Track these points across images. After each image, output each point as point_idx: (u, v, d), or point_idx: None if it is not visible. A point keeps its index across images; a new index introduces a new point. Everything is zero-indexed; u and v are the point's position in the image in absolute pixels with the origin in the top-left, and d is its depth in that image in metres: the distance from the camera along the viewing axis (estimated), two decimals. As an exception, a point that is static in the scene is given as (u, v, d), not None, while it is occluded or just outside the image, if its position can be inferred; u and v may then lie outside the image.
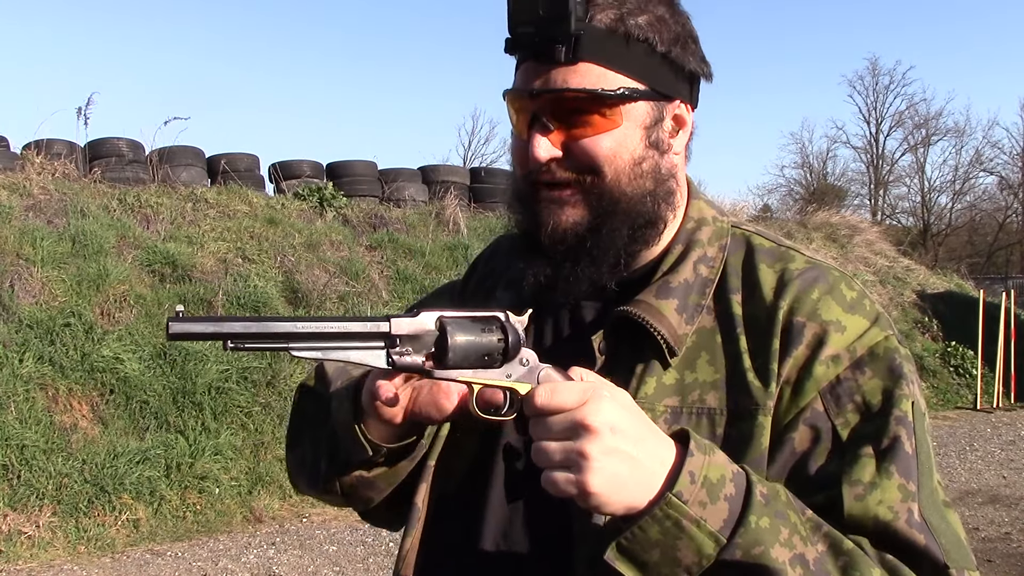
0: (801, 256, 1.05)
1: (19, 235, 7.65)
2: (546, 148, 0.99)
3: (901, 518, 0.90)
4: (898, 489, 0.91)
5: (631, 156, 1.00)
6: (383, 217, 10.47)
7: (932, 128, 33.79)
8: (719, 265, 1.05)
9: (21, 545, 5.64)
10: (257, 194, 10.07)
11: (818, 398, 0.95)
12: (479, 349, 0.89)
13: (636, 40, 0.99)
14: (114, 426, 6.62)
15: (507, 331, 0.91)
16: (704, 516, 0.83)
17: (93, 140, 9.96)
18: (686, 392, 0.99)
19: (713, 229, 1.08)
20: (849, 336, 0.97)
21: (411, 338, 0.88)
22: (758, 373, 0.97)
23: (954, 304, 13.92)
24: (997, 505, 7.00)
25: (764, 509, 0.84)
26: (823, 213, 15.79)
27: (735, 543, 0.83)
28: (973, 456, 8.87)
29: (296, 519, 6.51)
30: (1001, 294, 12.70)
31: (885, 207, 34.38)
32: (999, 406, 11.67)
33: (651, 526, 0.83)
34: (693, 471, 0.83)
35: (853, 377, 0.96)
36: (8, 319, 6.93)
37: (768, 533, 0.83)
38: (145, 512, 6.15)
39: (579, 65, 0.97)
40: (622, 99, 0.98)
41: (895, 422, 0.93)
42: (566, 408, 0.83)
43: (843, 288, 1.01)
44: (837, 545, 0.87)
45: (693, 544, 0.83)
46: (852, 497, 0.90)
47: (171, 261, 8.15)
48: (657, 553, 0.83)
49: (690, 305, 1.02)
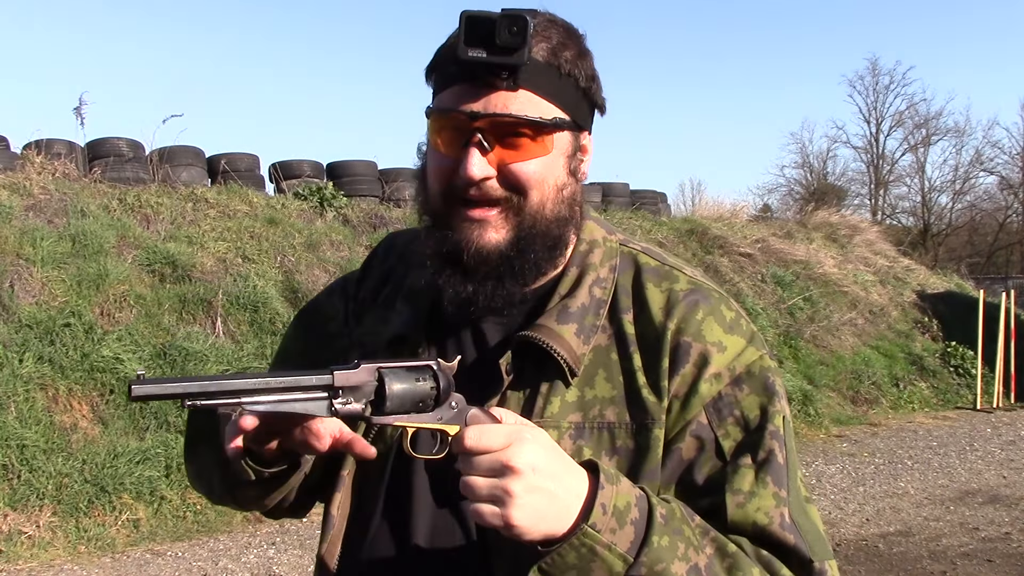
0: (684, 276, 1.13)
1: (19, 235, 7.65)
2: (481, 167, 1.04)
3: (775, 522, 1.02)
4: (772, 496, 1.03)
5: (555, 182, 1.08)
6: (383, 217, 10.47)
7: (932, 128, 33.83)
8: (611, 286, 1.12)
9: (21, 545, 5.64)
10: (257, 194, 10.07)
11: (702, 412, 1.06)
12: (414, 396, 0.97)
13: (566, 75, 1.06)
14: (114, 426, 6.62)
15: (439, 379, 0.98)
16: (614, 541, 0.93)
17: (93, 140, 9.97)
18: (587, 408, 1.07)
19: (604, 250, 1.15)
20: (729, 356, 1.08)
21: (352, 389, 0.96)
22: (652, 389, 1.07)
23: (954, 304, 13.92)
24: (997, 505, 7.00)
25: (664, 528, 0.95)
26: (823, 213, 15.79)
27: (640, 561, 0.93)
28: (973, 456, 8.87)
29: (296, 519, 6.50)
30: (1001, 294, 12.69)
31: (885, 207, 34.41)
32: (999, 406, 11.66)
33: (568, 552, 0.92)
34: (604, 503, 0.93)
35: (732, 393, 1.07)
36: (8, 319, 6.93)
37: (668, 551, 0.94)
38: (145, 512, 6.15)
39: (519, 92, 1.03)
40: (555, 127, 1.05)
41: (769, 436, 1.06)
42: (493, 449, 0.91)
43: (723, 309, 1.10)
44: (723, 548, 0.99)
45: (605, 565, 0.93)
46: (734, 505, 1.03)
47: (171, 261, 8.15)
48: (574, 574, 0.92)
49: (587, 326, 1.09)
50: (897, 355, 12.32)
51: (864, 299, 13.08)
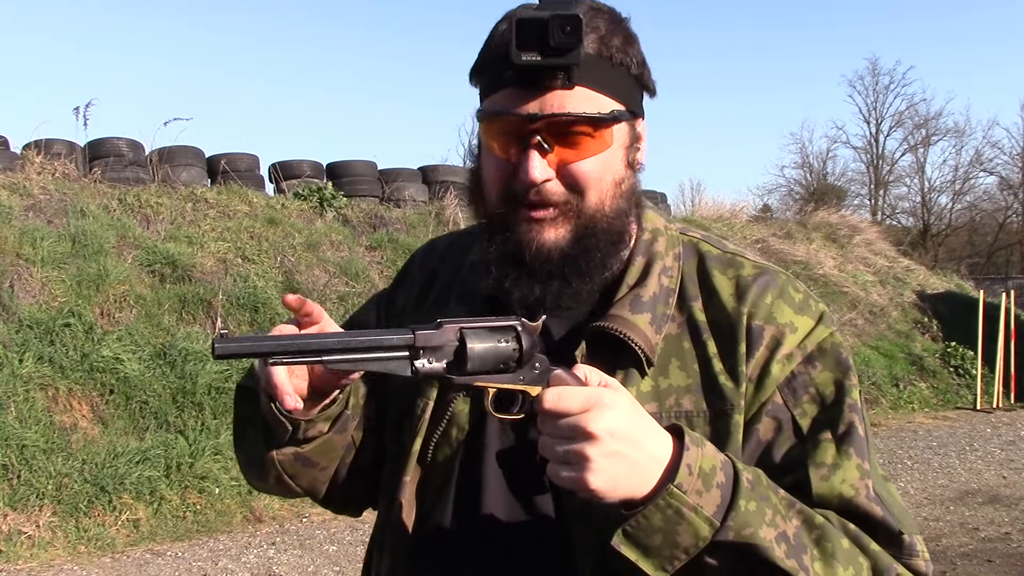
0: (749, 261, 1.13)
1: (19, 235, 7.65)
2: (542, 170, 1.02)
3: (861, 494, 1.01)
4: (856, 468, 1.02)
5: (613, 177, 1.06)
6: (383, 217, 10.47)
7: (932, 128, 33.79)
8: (677, 275, 1.12)
9: (21, 545, 5.64)
10: (257, 194, 10.07)
11: (777, 392, 1.05)
12: (495, 356, 0.96)
13: (618, 64, 1.04)
14: (114, 426, 6.62)
15: (522, 339, 0.97)
16: (700, 503, 0.91)
17: (93, 140, 9.96)
18: (662, 398, 1.06)
19: (667, 239, 1.14)
20: (799, 335, 1.07)
21: (433, 349, 0.95)
22: (730, 375, 1.06)
23: (954, 304, 13.93)
24: (997, 505, 7.00)
25: (751, 493, 0.93)
26: (823, 213, 15.79)
27: (728, 526, 0.92)
28: (973, 456, 8.87)
29: (296, 519, 6.51)
30: (1001, 294, 12.69)
31: (885, 207, 34.40)
32: (999, 406, 11.67)
33: (654, 514, 0.91)
34: (690, 464, 0.92)
35: (806, 371, 1.07)
36: (8, 319, 6.93)
37: (755, 515, 0.93)
38: (145, 512, 6.15)
39: (575, 89, 1.01)
40: (613, 120, 1.04)
41: (848, 409, 1.05)
42: (571, 413, 0.90)
43: (791, 291, 1.11)
44: (810, 520, 0.98)
45: (691, 528, 0.91)
46: (818, 478, 1.01)
47: (171, 261, 8.16)
48: (659, 538, 0.91)
49: (658, 315, 1.09)
50: (897, 355, 12.32)
51: (864, 299, 13.08)
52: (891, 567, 0.99)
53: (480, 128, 1.09)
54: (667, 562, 0.92)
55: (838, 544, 0.96)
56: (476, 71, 1.09)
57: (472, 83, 1.11)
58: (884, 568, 0.99)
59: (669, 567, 0.92)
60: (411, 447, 1.13)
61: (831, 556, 0.95)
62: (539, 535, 1.07)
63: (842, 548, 0.97)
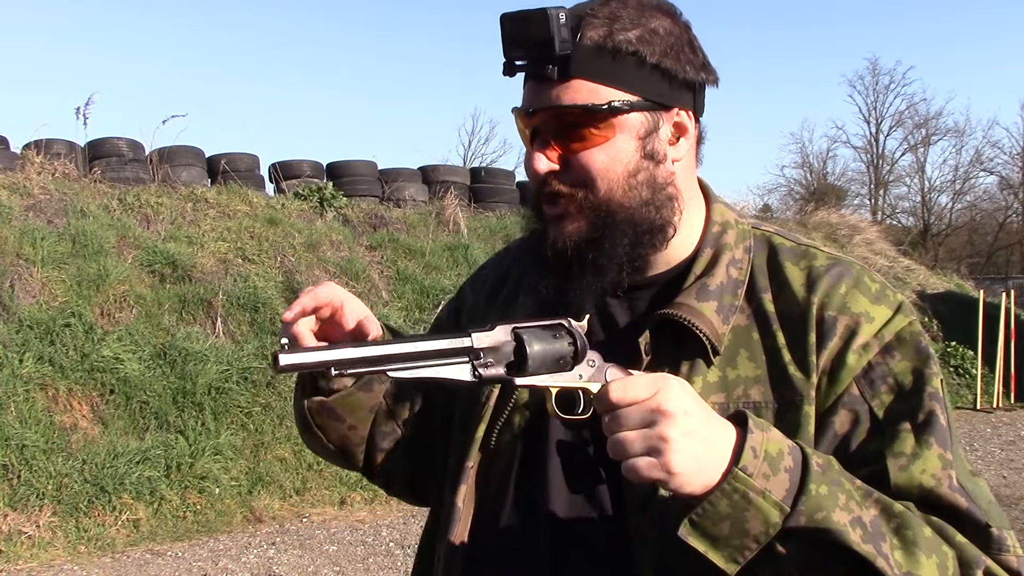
0: (822, 253, 1.11)
1: (19, 235, 7.65)
2: (544, 162, 1.05)
3: (944, 484, 0.96)
4: (938, 458, 0.97)
5: (624, 168, 1.05)
6: (383, 217, 10.47)
7: (932, 128, 33.76)
8: (747, 266, 1.10)
9: (21, 545, 5.64)
10: (257, 194, 10.07)
11: (853, 384, 1.02)
12: (553, 355, 0.96)
13: (624, 54, 1.03)
14: (114, 426, 6.62)
15: (575, 336, 0.97)
16: (768, 487, 0.88)
17: (93, 140, 9.96)
18: (730, 388, 1.05)
19: (737, 232, 1.13)
20: (876, 325, 1.04)
21: (491, 350, 0.95)
22: (799, 366, 1.03)
23: (954, 304, 13.92)
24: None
25: (821, 478, 0.90)
26: (823, 213, 15.79)
27: (799, 510, 0.88)
28: (973, 456, 8.87)
29: (296, 519, 6.51)
30: (1001, 294, 12.69)
31: (885, 207, 34.39)
32: (999, 406, 11.67)
33: (720, 500, 0.88)
34: (755, 447, 0.89)
35: (884, 362, 1.02)
36: (8, 319, 6.93)
37: (828, 499, 0.89)
38: (145, 512, 6.15)
39: (571, 82, 1.02)
40: (612, 112, 1.03)
41: (929, 398, 1.00)
42: (640, 400, 0.88)
43: (867, 281, 1.07)
44: (888, 508, 0.93)
45: (760, 515, 0.88)
46: (897, 468, 0.97)
47: (171, 261, 8.16)
48: (727, 526, 0.88)
49: (726, 305, 1.07)
50: (897, 355, 12.31)
51: (864, 299, 13.07)
52: (979, 559, 0.94)
53: None
54: (737, 552, 0.89)
55: (920, 532, 0.92)
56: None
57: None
58: (971, 559, 0.94)
59: (740, 558, 0.89)
60: (475, 434, 1.14)
61: (912, 544, 0.91)
62: (598, 526, 1.06)
63: (924, 536, 0.92)
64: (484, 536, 1.13)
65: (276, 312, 8.08)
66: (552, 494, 1.09)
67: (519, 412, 1.13)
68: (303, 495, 6.80)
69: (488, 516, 1.13)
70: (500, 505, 1.13)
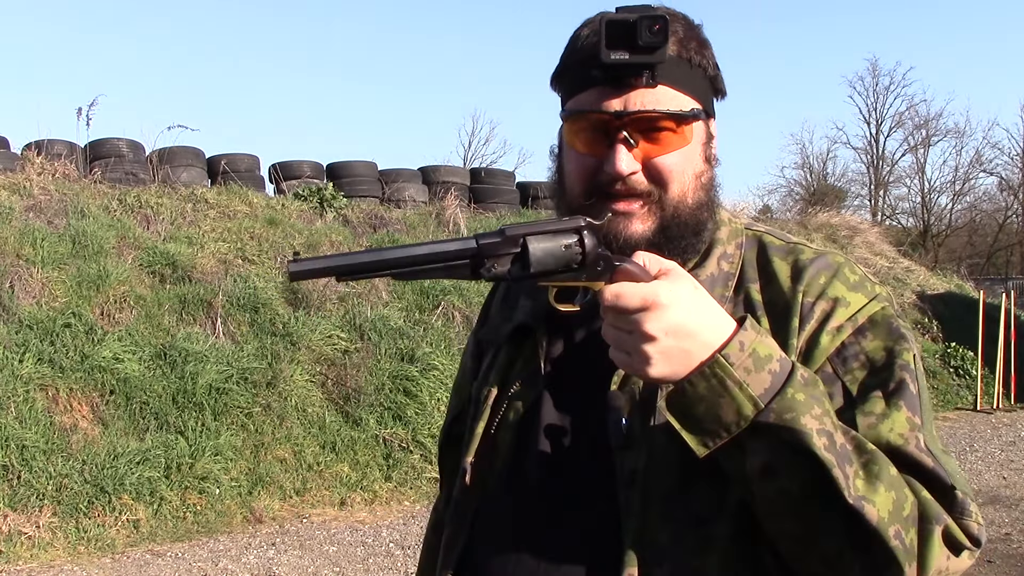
0: (809, 249, 1.16)
1: (19, 235, 7.65)
2: (628, 162, 1.08)
3: (911, 443, 0.99)
4: (906, 420, 1.01)
5: (694, 171, 1.12)
6: (383, 218, 10.47)
7: (932, 129, 33.80)
8: (738, 261, 1.16)
9: (21, 545, 5.64)
10: (257, 195, 10.07)
11: (827, 363, 1.06)
12: (558, 258, 1.01)
13: (695, 64, 1.11)
14: (114, 426, 6.62)
15: (585, 241, 1.02)
16: (747, 381, 0.93)
17: (93, 140, 9.97)
18: None
19: (729, 229, 1.19)
20: (852, 309, 1.09)
21: (497, 256, 1.00)
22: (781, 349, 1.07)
23: (954, 305, 13.92)
24: (997, 505, 6.99)
25: (802, 388, 0.94)
26: (824, 215, 15.79)
27: (771, 408, 0.92)
28: (973, 457, 8.87)
29: (296, 519, 6.51)
30: (1001, 295, 12.69)
31: (885, 208, 34.41)
32: (999, 407, 11.66)
33: (699, 381, 0.93)
34: (744, 341, 0.94)
35: (856, 342, 1.07)
36: (8, 319, 6.93)
37: (801, 404, 0.93)
38: (145, 512, 6.15)
39: (658, 88, 1.08)
40: (693, 118, 1.10)
41: (899, 369, 1.04)
42: (629, 311, 0.94)
43: (847, 271, 1.12)
44: (862, 445, 0.96)
45: (734, 403, 0.92)
46: (865, 426, 1.00)
47: (171, 262, 8.16)
48: (702, 407, 0.93)
49: (715, 295, 1.10)
50: (897, 356, 12.30)
51: (864, 300, 13.06)
52: (940, 516, 0.96)
53: (564, 128, 1.15)
54: (708, 437, 0.94)
55: (885, 469, 0.94)
56: (558, 75, 1.16)
57: (553, 88, 1.17)
58: (933, 514, 0.95)
59: (711, 443, 0.94)
60: (476, 430, 1.20)
61: (875, 477, 0.94)
62: (587, 503, 1.10)
63: (889, 474, 0.95)
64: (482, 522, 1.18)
65: (276, 313, 8.08)
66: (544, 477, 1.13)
67: (513, 408, 1.18)
68: (303, 496, 6.80)
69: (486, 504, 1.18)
70: (497, 494, 1.17)
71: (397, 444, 7.45)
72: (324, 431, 7.32)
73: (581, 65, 1.10)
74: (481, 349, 1.32)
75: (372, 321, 8.38)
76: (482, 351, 1.31)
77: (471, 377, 1.31)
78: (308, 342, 7.89)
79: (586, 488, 1.10)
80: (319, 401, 7.57)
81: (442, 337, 8.53)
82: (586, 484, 1.11)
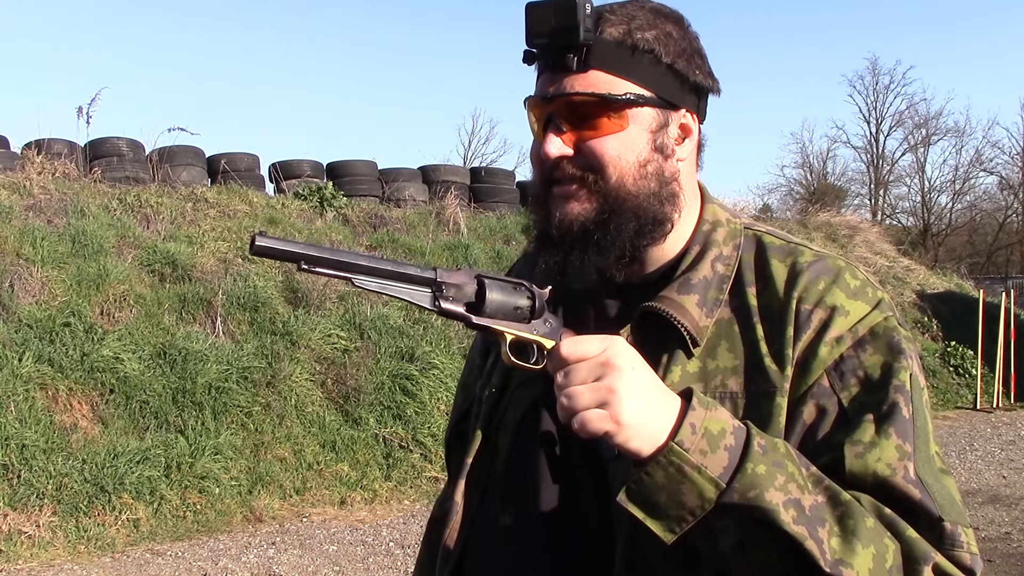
0: (809, 250, 1.12)
1: (19, 235, 7.65)
2: (558, 146, 1.07)
3: (898, 474, 0.97)
4: (895, 449, 0.98)
5: (636, 158, 1.08)
6: (383, 217, 10.47)
7: (932, 128, 33.81)
8: (734, 263, 1.13)
9: (21, 545, 5.64)
10: (257, 194, 10.08)
11: (824, 376, 1.03)
12: (511, 304, 1.03)
13: (642, 51, 1.07)
14: (114, 426, 6.62)
15: (534, 294, 1.04)
16: (705, 463, 0.91)
17: (93, 140, 9.97)
18: (709, 378, 1.07)
19: (727, 230, 1.16)
20: (852, 319, 1.05)
21: (454, 287, 1.01)
22: (775, 358, 1.05)
23: (954, 304, 13.92)
24: (997, 505, 7.00)
25: (761, 458, 0.92)
26: (824, 214, 15.80)
27: (733, 487, 0.90)
28: (973, 456, 8.87)
29: (296, 519, 6.51)
30: (1001, 294, 12.70)
31: (885, 207, 34.40)
32: (999, 406, 11.67)
33: (657, 471, 0.91)
34: (694, 423, 0.92)
35: (856, 355, 1.04)
36: (8, 319, 6.93)
37: (763, 478, 0.91)
38: (145, 512, 6.15)
39: (589, 73, 1.06)
40: (627, 103, 1.07)
41: (893, 391, 1.01)
42: (590, 356, 0.93)
43: (847, 277, 1.09)
44: (836, 497, 0.94)
45: (695, 489, 0.91)
46: (853, 456, 0.98)
47: (171, 261, 8.16)
48: (664, 496, 0.92)
49: (710, 299, 1.10)
50: (897, 355, 12.30)
51: (864, 299, 13.06)
52: (928, 555, 0.93)
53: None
54: (674, 523, 0.92)
55: (861, 522, 0.92)
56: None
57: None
58: (920, 555, 0.93)
59: (677, 528, 0.92)
60: (475, 431, 1.21)
61: (851, 533, 0.91)
62: (582, 512, 1.10)
63: (865, 527, 0.92)
64: (478, 529, 1.18)
65: (276, 312, 8.08)
66: (540, 485, 1.13)
67: (510, 410, 1.18)
68: (303, 495, 6.80)
69: (483, 508, 1.18)
70: (493, 497, 1.18)
71: (397, 443, 7.45)
72: (324, 430, 7.32)
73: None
74: (488, 347, 1.32)
75: (372, 320, 8.38)
76: (489, 348, 1.31)
77: (478, 375, 1.30)
78: (308, 341, 7.89)
79: (581, 496, 1.10)
80: (319, 400, 7.57)
81: (442, 336, 8.52)
82: (581, 492, 1.10)
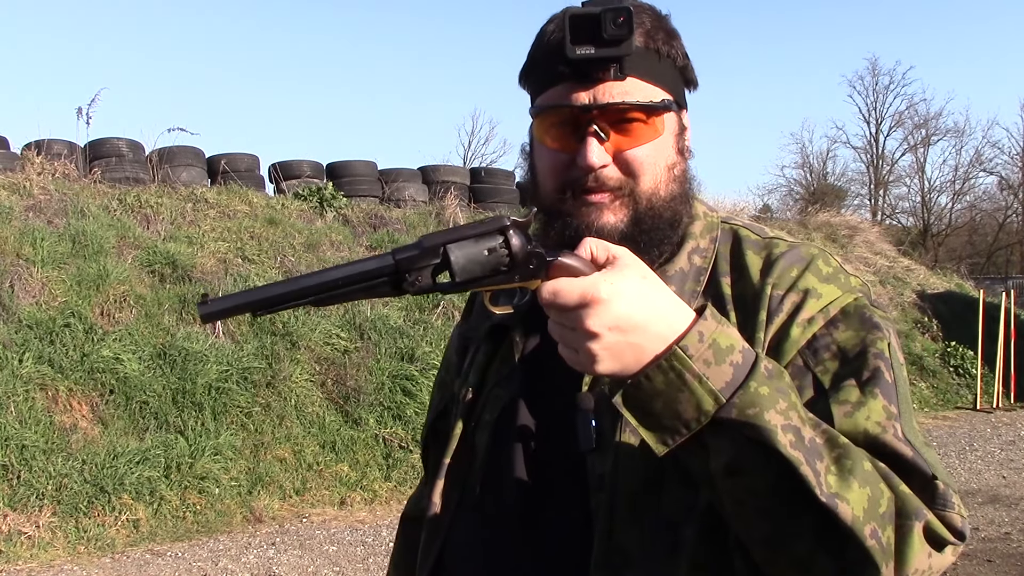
0: (784, 242, 1.13)
1: (19, 235, 7.65)
2: (600, 155, 1.06)
3: (888, 432, 0.95)
4: (883, 408, 0.97)
5: (666, 163, 1.10)
6: (383, 217, 10.47)
7: (932, 128, 33.83)
8: (711, 256, 1.13)
9: (21, 545, 5.64)
10: (257, 194, 10.07)
11: (797, 356, 1.02)
12: (484, 263, 0.96)
13: (663, 56, 1.09)
14: (114, 426, 6.62)
15: (511, 242, 0.96)
16: (707, 374, 0.87)
17: (93, 140, 9.97)
18: None
19: (704, 223, 1.16)
20: (824, 301, 1.05)
21: (417, 269, 0.95)
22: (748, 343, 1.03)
23: (954, 304, 13.93)
24: (997, 505, 7.00)
25: (766, 381, 0.89)
26: (823, 214, 15.80)
27: (732, 403, 0.87)
28: (973, 456, 8.87)
29: (296, 519, 6.51)
30: (1001, 294, 12.70)
31: (885, 207, 34.41)
32: (999, 406, 11.67)
33: (656, 375, 0.88)
34: (703, 332, 0.89)
35: (828, 333, 1.03)
36: (8, 319, 6.93)
37: (765, 399, 0.87)
38: (145, 512, 6.15)
39: (627, 80, 1.06)
40: (664, 109, 1.08)
41: (873, 358, 1.00)
42: (568, 308, 0.88)
43: (820, 263, 1.09)
44: (834, 439, 0.91)
45: (694, 399, 0.87)
46: (842, 415, 0.96)
47: (171, 261, 8.16)
48: (660, 403, 0.88)
49: (687, 291, 1.10)
50: (897, 355, 12.31)
51: (864, 299, 13.07)
52: (920, 511, 0.90)
53: (534, 124, 1.13)
54: (668, 434, 0.88)
55: (859, 464, 0.89)
56: (526, 72, 1.14)
57: (521, 85, 1.15)
58: (912, 510, 0.90)
59: (670, 440, 0.89)
60: (453, 430, 1.20)
61: (848, 472, 0.88)
62: (561, 506, 1.09)
63: (863, 469, 0.89)
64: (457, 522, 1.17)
65: (276, 312, 8.07)
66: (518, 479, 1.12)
67: (488, 409, 1.17)
68: (303, 495, 6.80)
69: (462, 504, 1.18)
70: (472, 494, 1.17)
71: (397, 444, 7.45)
72: (324, 431, 7.32)
73: (548, 61, 1.08)
74: (465, 345, 1.31)
75: (372, 320, 8.39)
76: (466, 347, 1.30)
77: (455, 373, 1.29)
78: (308, 342, 7.89)
79: (559, 492, 1.09)
80: (319, 401, 7.57)
81: (442, 336, 8.52)
82: (559, 487, 1.09)
